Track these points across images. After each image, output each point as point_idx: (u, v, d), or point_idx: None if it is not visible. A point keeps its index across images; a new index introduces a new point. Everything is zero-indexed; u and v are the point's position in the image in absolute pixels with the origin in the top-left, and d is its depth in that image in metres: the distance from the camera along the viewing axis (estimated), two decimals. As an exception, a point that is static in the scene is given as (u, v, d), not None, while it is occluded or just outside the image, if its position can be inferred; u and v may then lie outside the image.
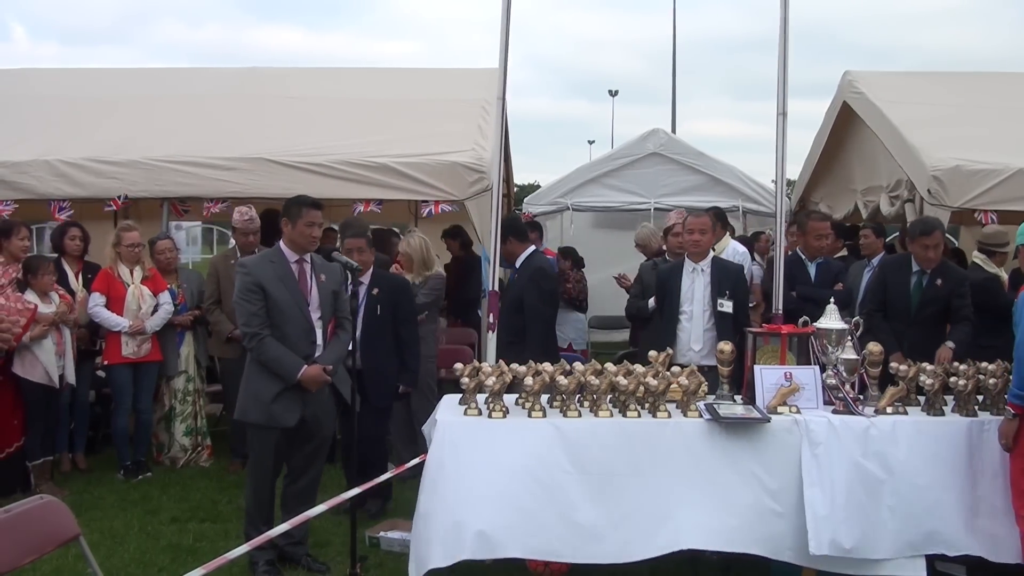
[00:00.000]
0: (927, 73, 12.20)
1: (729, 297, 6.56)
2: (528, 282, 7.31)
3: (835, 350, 5.40)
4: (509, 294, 7.40)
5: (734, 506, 5.07)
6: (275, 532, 4.77)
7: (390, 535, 5.84)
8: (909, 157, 8.06)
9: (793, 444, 5.08)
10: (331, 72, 11.80)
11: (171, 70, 12.71)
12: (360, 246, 6.42)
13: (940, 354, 6.40)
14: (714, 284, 6.61)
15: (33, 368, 6.84)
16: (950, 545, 5.10)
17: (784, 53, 6.34)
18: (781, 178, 6.57)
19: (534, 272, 7.38)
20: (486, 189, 7.74)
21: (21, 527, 3.57)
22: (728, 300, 6.55)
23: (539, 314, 7.25)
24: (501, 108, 6.91)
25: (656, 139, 12.15)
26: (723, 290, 6.58)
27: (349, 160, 8.06)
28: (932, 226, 6.74)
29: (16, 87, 10.35)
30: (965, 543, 5.10)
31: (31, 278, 6.95)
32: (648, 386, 5.18)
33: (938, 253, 6.72)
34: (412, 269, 7.49)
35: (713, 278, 6.63)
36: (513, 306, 7.23)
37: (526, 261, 7.45)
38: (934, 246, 6.66)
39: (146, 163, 8.10)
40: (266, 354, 5.36)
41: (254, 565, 5.37)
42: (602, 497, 5.04)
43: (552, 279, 7.64)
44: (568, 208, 12.06)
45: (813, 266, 7.35)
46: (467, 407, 5.24)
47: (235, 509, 6.57)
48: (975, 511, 5.11)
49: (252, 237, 7.73)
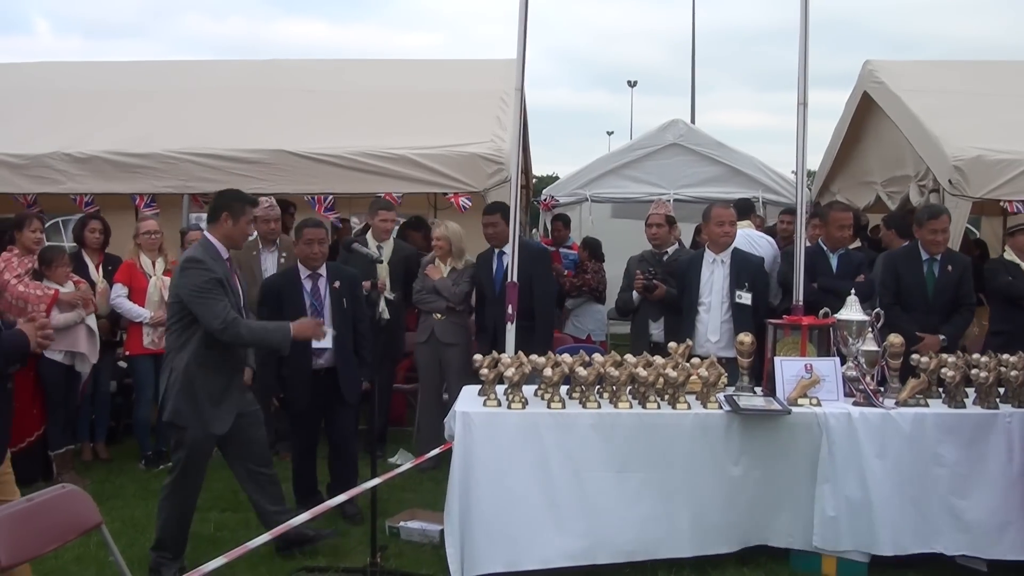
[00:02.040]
0: (948, 62, 12.09)
1: (748, 289, 6.56)
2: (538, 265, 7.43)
3: (856, 342, 5.38)
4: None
5: (752, 499, 5.08)
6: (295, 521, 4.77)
7: (410, 524, 5.85)
8: (930, 147, 7.99)
9: (812, 437, 5.08)
10: (350, 64, 11.81)
11: (191, 63, 12.77)
12: (320, 237, 6.23)
13: (927, 343, 6.45)
14: (733, 276, 6.60)
15: (57, 342, 6.86)
16: (972, 546, 5.10)
17: (804, 43, 6.30)
18: (801, 168, 6.53)
19: (538, 254, 7.57)
20: (505, 180, 7.75)
21: (43, 515, 3.60)
22: (746, 292, 6.55)
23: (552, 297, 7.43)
24: (519, 99, 6.91)
25: (675, 130, 12.08)
26: (741, 282, 6.57)
27: (368, 152, 8.08)
28: (939, 210, 6.91)
29: (38, 80, 10.39)
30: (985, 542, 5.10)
31: (46, 269, 7.01)
32: (668, 377, 5.17)
33: (946, 238, 6.82)
34: (450, 254, 7.52)
35: (732, 270, 6.62)
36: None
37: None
38: (942, 230, 6.75)
39: (167, 156, 8.15)
40: (249, 334, 5.17)
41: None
42: (622, 491, 5.06)
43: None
44: (587, 199, 12.02)
45: (835, 257, 7.31)
46: (486, 398, 5.26)
47: (256, 499, 6.61)
48: (996, 508, 5.09)
49: (274, 224, 7.75)
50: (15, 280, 6.83)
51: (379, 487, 5.28)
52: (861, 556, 5.07)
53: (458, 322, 7.55)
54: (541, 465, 5.04)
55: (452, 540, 5.00)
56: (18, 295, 6.76)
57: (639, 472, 5.07)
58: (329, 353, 6.15)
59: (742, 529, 5.11)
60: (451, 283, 7.42)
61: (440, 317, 7.44)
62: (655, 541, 5.09)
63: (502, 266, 7.21)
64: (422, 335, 7.56)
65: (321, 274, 6.19)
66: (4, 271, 6.87)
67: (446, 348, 7.44)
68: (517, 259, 6.54)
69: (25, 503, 3.57)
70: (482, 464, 5.03)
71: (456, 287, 7.42)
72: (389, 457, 7.51)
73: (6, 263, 6.93)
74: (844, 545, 5.05)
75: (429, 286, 7.47)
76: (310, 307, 6.14)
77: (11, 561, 3.37)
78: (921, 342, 6.44)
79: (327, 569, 5.32)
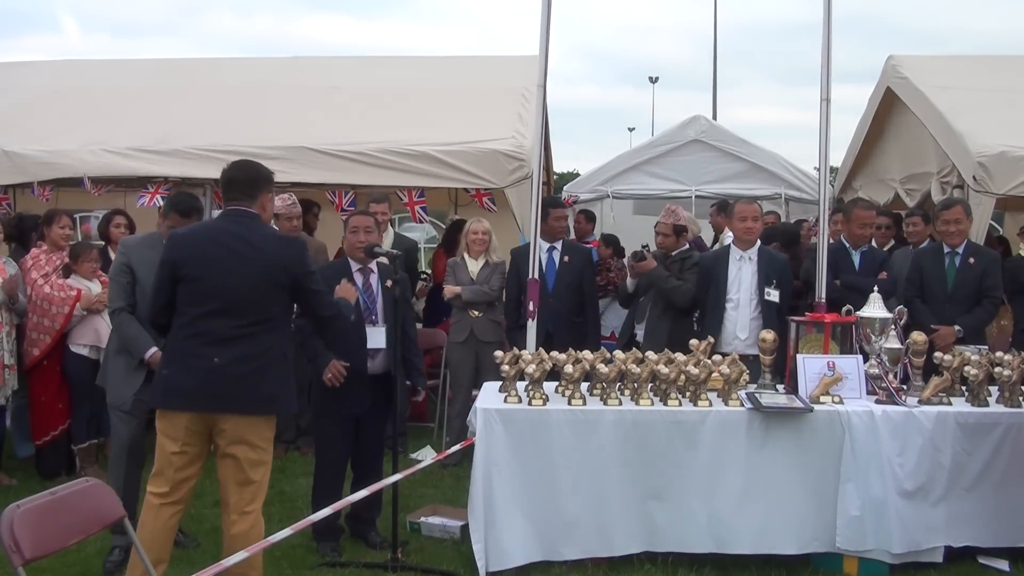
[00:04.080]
0: (973, 57, 11.97)
1: (776, 286, 6.53)
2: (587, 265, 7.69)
3: (878, 339, 5.35)
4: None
5: (773, 497, 5.06)
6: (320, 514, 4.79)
7: (431, 520, 5.86)
8: (954, 143, 7.92)
9: (835, 435, 5.05)
10: (372, 60, 11.84)
11: (215, 60, 12.83)
12: (367, 225, 5.82)
13: (942, 333, 6.45)
14: (761, 273, 6.57)
15: (81, 336, 6.95)
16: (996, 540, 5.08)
17: (827, 38, 6.26)
18: (824, 165, 6.50)
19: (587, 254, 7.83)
20: (526, 177, 7.73)
21: (67, 509, 3.63)
22: (775, 289, 6.51)
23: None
24: (542, 96, 6.90)
25: (697, 126, 12.02)
26: (770, 279, 6.53)
27: (389, 148, 8.07)
28: (951, 202, 6.98)
29: (63, 78, 10.46)
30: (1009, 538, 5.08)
31: (74, 264, 7.05)
32: (689, 374, 5.16)
33: (960, 228, 6.81)
34: (487, 250, 7.58)
35: (760, 267, 6.59)
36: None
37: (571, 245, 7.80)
38: (954, 220, 6.78)
39: (188, 152, 8.18)
40: (120, 328, 5.32)
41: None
42: (641, 487, 5.06)
43: None
44: (608, 196, 11.99)
45: (857, 254, 7.27)
46: (507, 394, 5.26)
47: (277, 493, 6.62)
48: (1019, 505, 5.06)
49: (296, 221, 7.78)
50: (41, 279, 6.86)
51: (400, 483, 5.29)
52: (884, 556, 5.04)
53: (496, 319, 7.57)
54: (561, 461, 5.06)
55: (477, 535, 5.02)
56: (43, 296, 6.80)
57: (659, 469, 5.07)
58: (382, 356, 5.65)
59: (762, 529, 5.09)
60: (483, 281, 7.46)
61: (478, 315, 7.44)
62: (675, 537, 5.09)
63: (553, 262, 7.41)
64: (459, 334, 7.50)
65: (372, 269, 5.74)
66: (32, 269, 6.90)
67: (485, 346, 7.36)
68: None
69: (48, 496, 3.60)
70: (504, 460, 5.06)
71: (488, 284, 7.46)
72: (411, 453, 7.52)
73: (34, 260, 6.98)
74: (868, 545, 5.02)
75: (465, 280, 7.48)
76: (362, 303, 5.60)
77: (34, 554, 3.40)
78: (935, 332, 6.41)
79: (348, 564, 5.33)
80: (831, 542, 5.05)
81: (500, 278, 7.55)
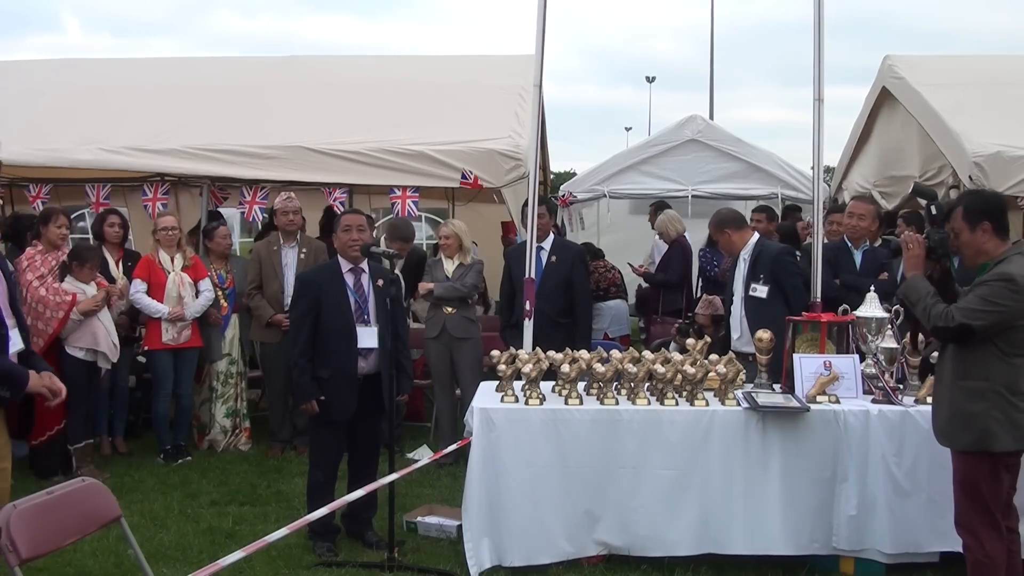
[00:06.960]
0: (969, 56, 12.01)
1: (764, 281, 6.45)
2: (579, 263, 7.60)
3: (875, 339, 5.34)
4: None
5: (770, 497, 5.06)
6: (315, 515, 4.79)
7: (427, 520, 5.85)
8: (950, 143, 7.92)
9: (831, 434, 5.05)
10: (369, 60, 11.86)
11: (214, 59, 12.87)
12: (359, 223, 5.76)
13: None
14: (749, 268, 6.56)
15: (78, 339, 6.94)
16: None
17: (819, 38, 6.26)
18: (818, 164, 6.50)
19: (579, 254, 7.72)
20: (522, 176, 7.74)
21: (63, 508, 3.63)
22: (763, 285, 6.43)
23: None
24: (538, 95, 6.91)
25: (693, 126, 12.03)
26: (757, 274, 6.49)
27: (386, 148, 8.09)
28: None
29: (63, 76, 10.47)
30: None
31: (76, 267, 7.01)
32: (686, 374, 5.16)
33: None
34: (458, 250, 7.55)
35: (750, 262, 6.58)
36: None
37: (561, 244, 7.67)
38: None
39: (186, 151, 8.18)
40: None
41: None
42: (638, 487, 5.06)
43: None
44: (605, 195, 11.99)
45: (859, 254, 7.27)
46: (504, 394, 5.26)
47: (274, 493, 6.64)
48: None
49: (292, 216, 7.79)
50: (37, 281, 6.82)
51: (397, 482, 5.29)
52: (880, 556, 5.04)
53: (469, 316, 7.57)
54: (558, 461, 5.06)
55: (470, 535, 5.03)
56: (38, 299, 6.76)
57: (656, 469, 5.06)
58: (374, 357, 5.62)
59: (759, 529, 5.08)
60: (456, 279, 7.45)
61: (451, 311, 7.44)
62: (671, 538, 5.08)
63: (541, 262, 7.27)
64: (433, 330, 7.51)
65: (364, 269, 5.67)
66: (27, 270, 6.86)
67: (458, 343, 7.43)
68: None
69: (45, 496, 3.60)
70: (500, 459, 5.06)
71: (461, 281, 7.44)
72: (407, 453, 7.52)
73: (29, 261, 6.94)
74: (865, 544, 5.01)
75: (441, 278, 7.48)
76: (353, 303, 5.62)
77: (31, 553, 3.40)
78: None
79: (345, 563, 5.33)
80: (828, 542, 5.04)
81: (475, 276, 7.57)
